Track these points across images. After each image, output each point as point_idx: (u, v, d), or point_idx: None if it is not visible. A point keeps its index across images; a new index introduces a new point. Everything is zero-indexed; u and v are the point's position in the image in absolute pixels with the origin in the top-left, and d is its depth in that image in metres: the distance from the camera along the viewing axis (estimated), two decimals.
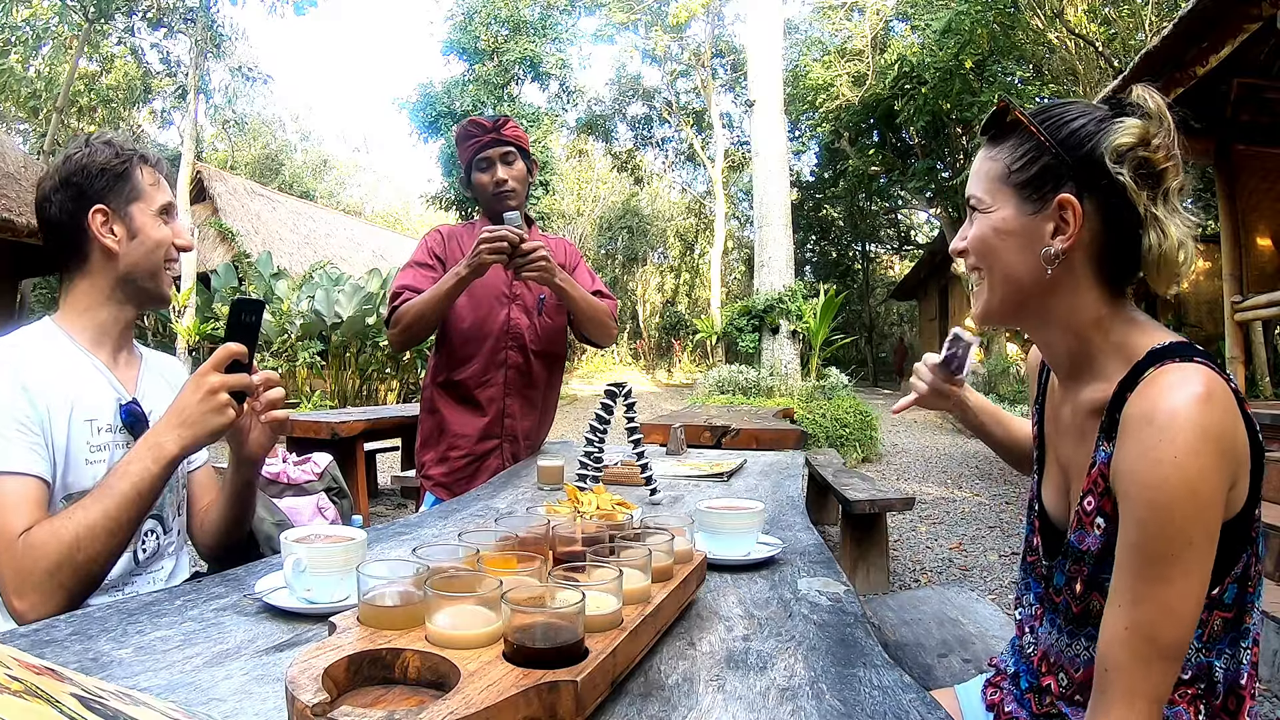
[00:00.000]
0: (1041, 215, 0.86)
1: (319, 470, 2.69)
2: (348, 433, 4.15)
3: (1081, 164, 0.83)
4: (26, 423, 1.08)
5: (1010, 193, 0.87)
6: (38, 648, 0.75)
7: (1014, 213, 0.87)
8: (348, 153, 37.41)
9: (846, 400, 8.57)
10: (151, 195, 1.24)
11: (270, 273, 12.00)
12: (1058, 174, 0.84)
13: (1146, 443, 0.75)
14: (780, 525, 1.36)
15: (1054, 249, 0.85)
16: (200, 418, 1.07)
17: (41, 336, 1.21)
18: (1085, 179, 0.83)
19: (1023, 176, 0.86)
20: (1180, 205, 0.84)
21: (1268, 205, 5.49)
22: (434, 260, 2.14)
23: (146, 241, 1.22)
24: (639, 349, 25.66)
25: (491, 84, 16.79)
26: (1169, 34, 4.32)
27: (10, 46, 15.71)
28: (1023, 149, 0.87)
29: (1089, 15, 10.87)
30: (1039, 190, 0.86)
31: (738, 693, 0.68)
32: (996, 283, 0.91)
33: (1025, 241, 0.87)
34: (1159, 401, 0.76)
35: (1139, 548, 0.76)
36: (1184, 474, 0.73)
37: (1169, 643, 0.75)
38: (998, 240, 0.89)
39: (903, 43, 13.43)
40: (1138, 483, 0.76)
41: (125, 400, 1.23)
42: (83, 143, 1.24)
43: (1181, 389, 0.75)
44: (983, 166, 0.91)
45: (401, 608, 0.67)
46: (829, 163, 19.35)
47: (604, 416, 1.51)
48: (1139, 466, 0.76)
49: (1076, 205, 0.83)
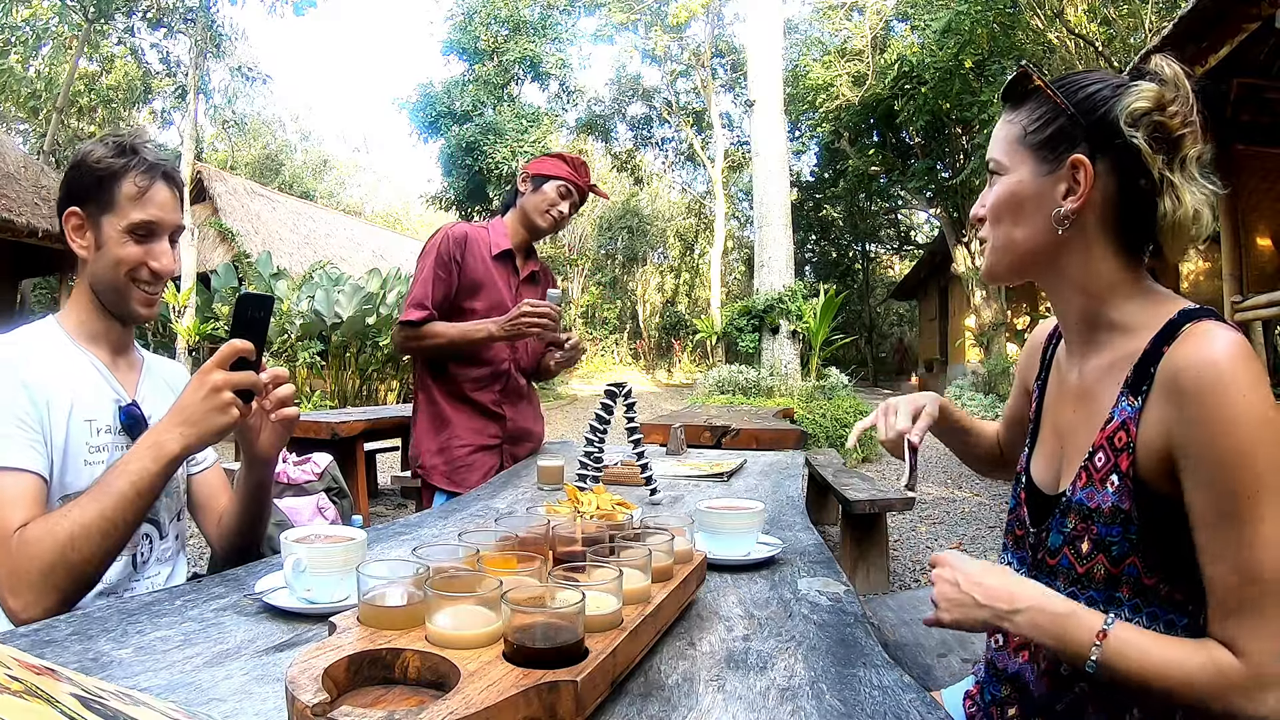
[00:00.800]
0: (1055, 175, 0.87)
1: (319, 470, 2.70)
2: (348, 433, 4.14)
3: (1095, 126, 0.85)
4: (26, 419, 1.07)
5: (1026, 154, 0.89)
6: (38, 648, 0.75)
7: (1030, 173, 0.89)
8: (348, 153, 37.45)
9: (846, 400, 8.57)
10: (125, 210, 1.16)
11: (270, 273, 11.99)
12: (1072, 135, 0.86)
13: (1214, 392, 0.76)
14: (780, 525, 1.36)
15: (1064, 209, 0.86)
16: (203, 416, 1.04)
17: (42, 334, 1.19)
18: (1099, 140, 0.85)
19: (1038, 138, 0.88)
20: (1199, 174, 0.85)
21: (1268, 205, 5.49)
22: (454, 267, 2.15)
23: (106, 256, 1.17)
24: (639, 349, 25.66)
25: (491, 84, 16.80)
26: (1169, 34, 4.32)
27: (10, 47, 15.71)
28: (1039, 111, 0.89)
29: (1089, 15, 10.86)
30: (1054, 151, 0.87)
31: (738, 693, 0.68)
32: (1007, 240, 0.92)
33: (1039, 201, 0.88)
34: (1211, 350, 0.77)
35: (1231, 491, 0.75)
36: (1252, 412, 0.75)
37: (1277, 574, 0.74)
38: (1013, 200, 0.90)
39: (902, 43, 13.42)
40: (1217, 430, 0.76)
41: (125, 402, 1.22)
42: (105, 134, 1.21)
43: (1229, 337, 0.77)
44: (1001, 131, 0.93)
45: (401, 608, 0.67)
46: (829, 163, 19.33)
47: (604, 416, 1.51)
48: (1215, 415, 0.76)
49: (1088, 165, 0.84)
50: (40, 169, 9.52)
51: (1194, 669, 0.77)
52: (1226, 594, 0.77)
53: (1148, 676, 0.78)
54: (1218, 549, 0.77)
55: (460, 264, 2.16)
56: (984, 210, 0.95)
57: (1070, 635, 0.81)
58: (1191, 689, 0.77)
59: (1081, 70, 0.92)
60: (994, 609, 0.85)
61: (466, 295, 2.17)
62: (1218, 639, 0.77)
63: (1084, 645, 0.80)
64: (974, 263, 13.75)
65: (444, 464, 2.16)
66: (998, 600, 0.85)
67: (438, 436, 2.18)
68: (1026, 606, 0.83)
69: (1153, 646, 0.79)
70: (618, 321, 26.13)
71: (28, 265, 9.79)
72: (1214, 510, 0.77)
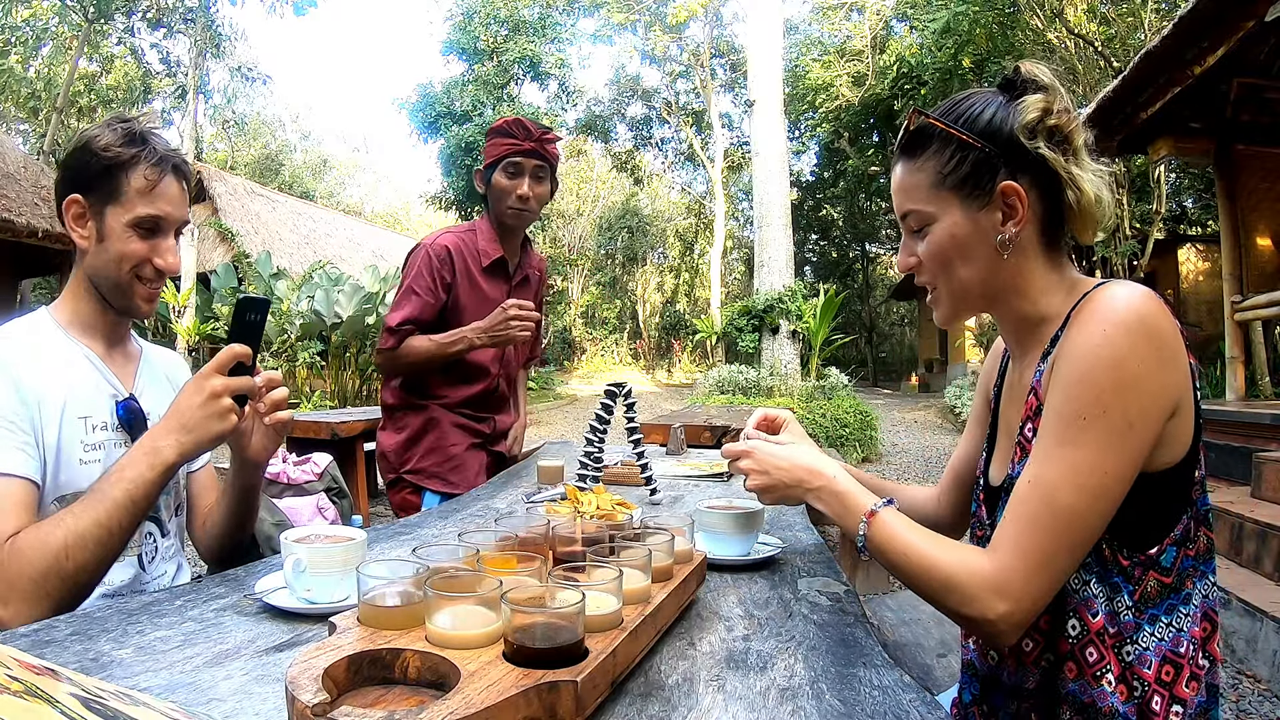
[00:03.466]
0: (989, 207, 0.88)
1: (319, 470, 2.70)
2: (348, 433, 4.15)
3: (1006, 148, 0.87)
4: (15, 420, 1.03)
5: (950, 195, 0.89)
6: (38, 648, 0.75)
7: (962, 213, 0.89)
8: (347, 153, 37.45)
9: (846, 400, 8.58)
10: (133, 203, 1.11)
11: (270, 273, 11.99)
12: (991, 164, 0.87)
13: (1082, 326, 0.80)
14: (780, 525, 1.35)
15: (1007, 235, 0.88)
16: (201, 422, 1.02)
17: (33, 328, 1.14)
18: (1014, 161, 0.87)
19: (958, 176, 0.89)
20: (1090, 158, 0.88)
21: (1268, 205, 5.49)
22: (441, 288, 1.99)
23: (109, 250, 1.12)
24: (639, 349, 25.66)
25: (491, 84, 16.80)
26: (1169, 34, 4.32)
27: (10, 47, 15.71)
28: (948, 151, 0.89)
29: (1088, 15, 10.87)
30: (979, 184, 0.88)
31: (738, 693, 0.68)
32: (958, 284, 0.92)
33: (980, 236, 0.89)
34: (1099, 298, 0.81)
35: (1058, 410, 0.79)
36: (1112, 347, 0.76)
37: (1065, 507, 0.77)
38: (954, 243, 0.90)
39: (902, 43, 13.42)
40: (1067, 356, 0.80)
41: (122, 397, 1.18)
42: (111, 118, 1.14)
43: (1124, 289, 0.80)
44: (909, 180, 0.92)
45: (401, 608, 0.67)
46: (829, 163, 19.35)
47: (604, 416, 1.51)
48: (1073, 344, 0.80)
49: (1019, 188, 0.86)
50: (40, 169, 9.52)
51: (943, 559, 0.82)
52: (1014, 497, 0.81)
53: (905, 560, 0.85)
54: (1034, 457, 0.81)
55: (450, 283, 2.00)
56: (915, 260, 0.94)
57: (849, 510, 0.91)
58: (935, 578, 0.82)
59: (957, 98, 0.92)
60: (801, 486, 0.97)
61: (456, 313, 2.01)
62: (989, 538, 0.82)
63: (855, 521, 0.90)
64: None
65: (434, 465, 2.05)
66: (801, 479, 0.97)
67: (426, 437, 2.06)
68: (821, 485, 0.95)
69: (914, 534, 0.86)
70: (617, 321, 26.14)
71: (28, 265, 9.80)
72: (1047, 427, 0.80)
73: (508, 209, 2.01)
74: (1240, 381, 5.38)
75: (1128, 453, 0.77)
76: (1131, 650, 0.81)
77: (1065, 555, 0.78)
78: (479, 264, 2.04)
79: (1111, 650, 0.82)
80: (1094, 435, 0.76)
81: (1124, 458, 0.77)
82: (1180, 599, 0.82)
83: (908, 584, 0.86)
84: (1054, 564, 0.77)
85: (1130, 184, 10.38)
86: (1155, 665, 0.81)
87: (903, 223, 0.95)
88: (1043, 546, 0.77)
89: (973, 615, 0.79)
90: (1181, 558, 0.83)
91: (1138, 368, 0.76)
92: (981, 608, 0.78)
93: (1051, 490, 0.77)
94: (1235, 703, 2.29)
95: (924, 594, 0.85)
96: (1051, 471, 0.78)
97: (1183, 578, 0.83)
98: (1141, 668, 0.81)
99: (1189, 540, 0.83)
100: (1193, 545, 0.83)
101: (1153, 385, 0.76)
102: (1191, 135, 5.44)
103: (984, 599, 0.78)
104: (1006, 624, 0.78)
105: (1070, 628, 0.84)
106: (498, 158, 1.99)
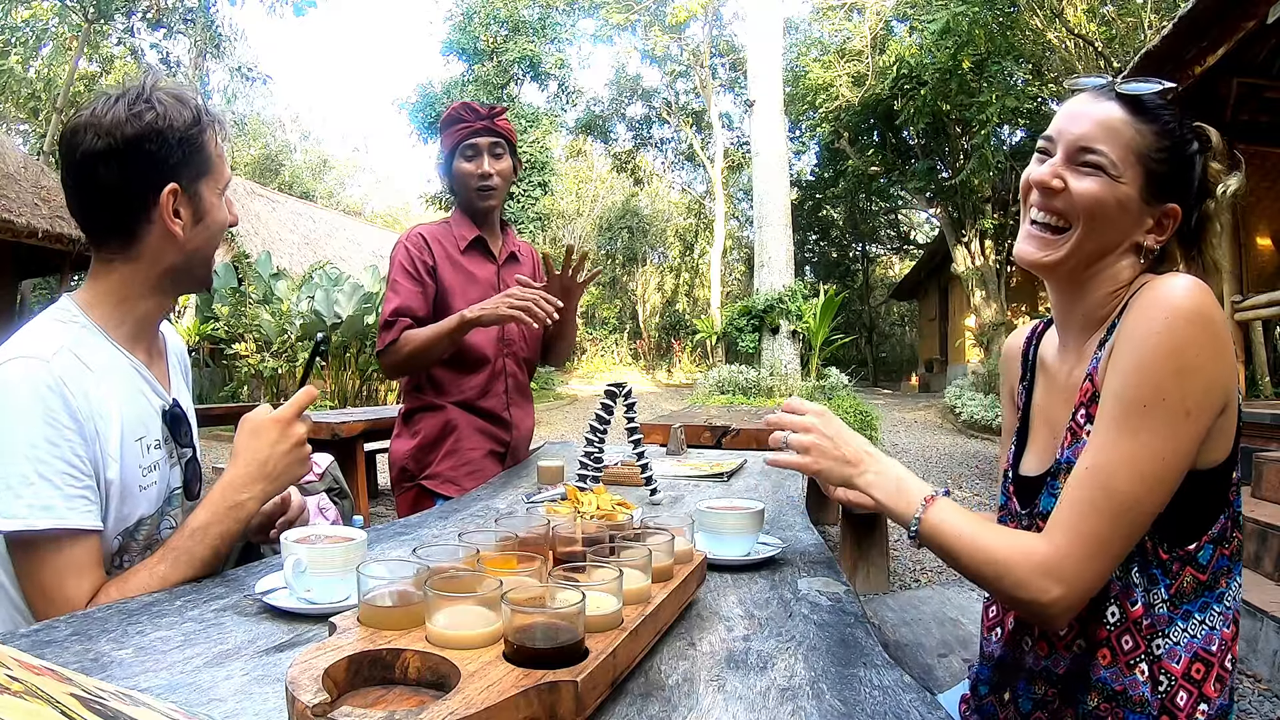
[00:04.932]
0: (1151, 208, 0.88)
1: (320, 471, 2.70)
2: (348, 433, 4.14)
3: (1199, 187, 0.89)
4: (75, 463, 0.92)
5: (1141, 174, 0.87)
6: (38, 648, 0.75)
7: (1137, 194, 0.87)
8: (347, 153, 37.48)
9: (846, 400, 8.57)
10: (220, 170, 1.07)
11: (270, 273, 11.99)
12: (1183, 183, 0.88)
13: (1142, 312, 0.79)
14: (780, 525, 1.35)
15: (1146, 244, 0.88)
16: (286, 470, 0.99)
17: (78, 340, 0.99)
18: (1192, 196, 0.89)
19: (1161, 169, 0.87)
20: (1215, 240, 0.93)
21: (1268, 205, 5.50)
22: (424, 273, 1.97)
23: (212, 226, 1.06)
24: (639, 349, 25.65)
25: (491, 84, 16.81)
26: (1169, 33, 4.32)
27: (10, 47, 15.71)
28: (1165, 144, 0.87)
29: (1088, 15, 10.86)
30: (1163, 188, 0.87)
31: (738, 693, 0.68)
32: (1084, 244, 0.88)
33: (1131, 223, 0.88)
34: (1158, 286, 0.81)
35: (1117, 396, 0.79)
36: (1172, 335, 0.76)
37: (1123, 493, 0.77)
38: (1114, 211, 0.87)
39: (902, 43, 13.42)
40: (1127, 342, 0.80)
41: (167, 404, 1.10)
42: (143, 95, 0.99)
43: (1182, 279, 0.80)
44: (1118, 124, 0.86)
45: (401, 608, 0.67)
46: (829, 163, 19.34)
47: (604, 416, 1.51)
48: (1132, 331, 0.79)
49: (1180, 216, 0.88)
50: (40, 169, 9.51)
51: (1000, 546, 0.82)
52: (1071, 482, 0.81)
53: (959, 544, 0.84)
54: (1092, 443, 0.80)
55: (432, 267, 1.98)
56: (1062, 185, 0.87)
57: (903, 495, 0.90)
58: (992, 564, 0.81)
59: (1173, 108, 0.90)
60: (852, 464, 0.95)
61: (446, 300, 1.98)
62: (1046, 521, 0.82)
63: (912, 505, 0.88)
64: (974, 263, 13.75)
65: (450, 469, 1.99)
66: (856, 457, 0.95)
67: (445, 441, 2.00)
68: (873, 468, 0.94)
69: (969, 520, 0.86)
70: (617, 321, 26.14)
71: (27, 265, 9.79)
72: (1106, 413, 0.80)
73: (475, 191, 2.00)
74: (1240, 381, 5.39)
75: (1185, 440, 0.77)
76: (1161, 644, 0.81)
77: (1120, 541, 0.78)
78: (458, 246, 2.04)
79: (1144, 640, 0.82)
80: (1153, 422, 0.76)
81: (1181, 445, 0.77)
82: (1214, 597, 0.83)
83: (961, 569, 0.86)
84: (1109, 549, 0.77)
85: None
86: (1185, 661, 0.81)
87: (1071, 148, 0.88)
88: (1099, 531, 0.77)
89: (1026, 599, 0.79)
90: (1217, 556, 0.83)
91: (1196, 356, 0.76)
92: (1035, 591, 0.78)
93: (1109, 476, 0.77)
94: (1235, 703, 2.29)
95: (978, 579, 0.85)
96: (1110, 457, 0.78)
97: (1217, 576, 0.83)
98: (1170, 662, 0.81)
99: (1225, 539, 0.83)
100: (1228, 545, 0.84)
101: (1209, 375, 0.77)
102: None
103: (1038, 582, 0.78)
104: (1059, 608, 0.78)
105: (1110, 614, 0.84)
106: (454, 145, 2.00)
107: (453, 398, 2.02)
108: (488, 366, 2.05)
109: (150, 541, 1.07)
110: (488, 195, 2.01)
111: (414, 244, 1.99)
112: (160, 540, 1.06)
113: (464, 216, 2.08)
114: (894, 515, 0.91)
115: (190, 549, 0.95)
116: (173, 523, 1.12)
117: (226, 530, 0.97)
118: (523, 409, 2.15)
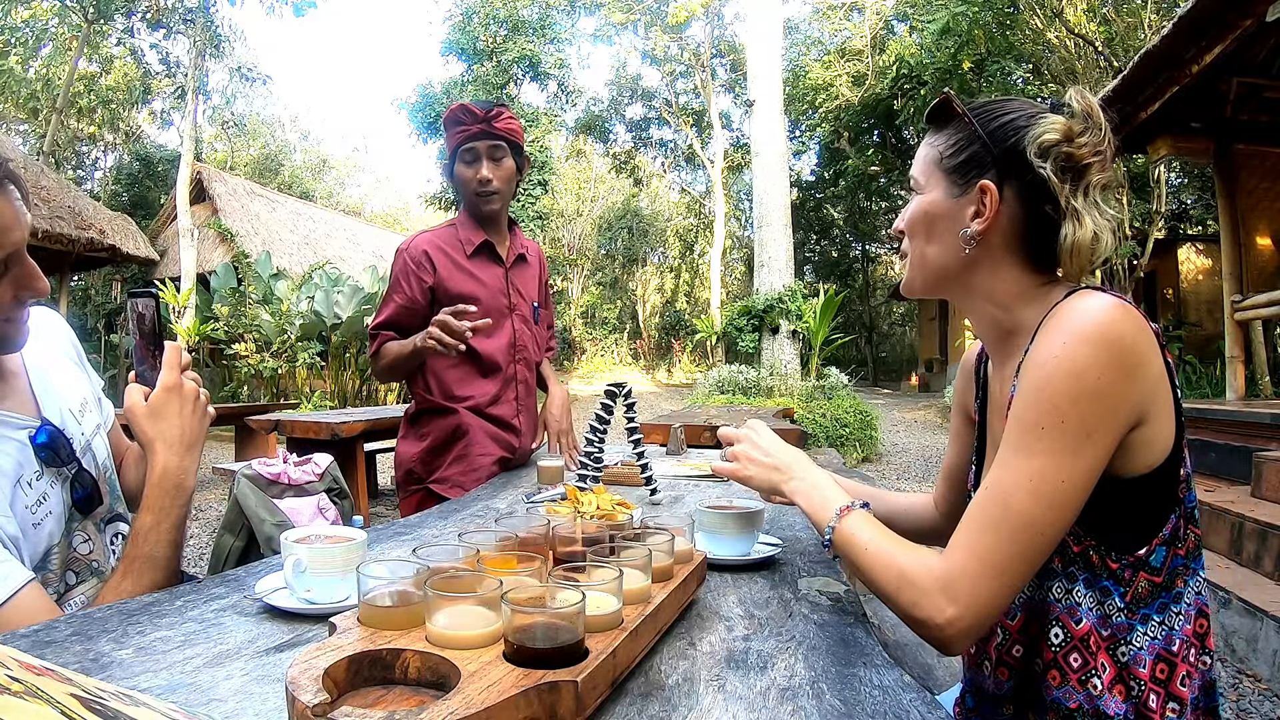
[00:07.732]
0: (964, 199, 0.91)
1: (320, 471, 2.69)
2: (348, 433, 4.14)
3: (1006, 154, 0.89)
4: None
5: (940, 176, 0.94)
6: (38, 648, 0.75)
7: (942, 195, 0.93)
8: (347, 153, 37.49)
9: (846, 400, 8.57)
10: None
11: (270, 273, 12.00)
12: (983, 161, 0.90)
13: (1045, 336, 0.80)
14: (780, 525, 1.35)
15: (970, 230, 0.90)
16: (200, 427, 0.99)
17: None
18: (1007, 168, 0.89)
19: (952, 162, 0.92)
20: (1102, 199, 0.89)
21: (1267, 205, 5.50)
22: (418, 291, 1.96)
23: None
24: (639, 349, 25.65)
25: (490, 84, 16.80)
26: (1169, 33, 4.32)
27: (10, 48, 15.72)
28: (956, 137, 0.93)
29: (1088, 15, 10.87)
30: (964, 175, 0.91)
31: (738, 692, 0.68)
32: (920, 257, 0.97)
33: (949, 222, 0.93)
34: (1065, 309, 0.81)
35: (1018, 418, 0.80)
36: (1071, 358, 0.77)
37: (1019, 513, 0.77)
38: (926, 219, 0.95)
39: (902, 43, 13.43)
40: (1029, 366, 0.81)
41: (33, 429, 1.02)
42: None
43: (1091, 300, 0.80)
44: (922, 151, 0.98)
45: (401, 608, 0.67)
46: (829, 163, 19.35)
47: (604, 416, 1.51)
48: (1035, 354, 0.80)
49: (994, 191, 0.89)
50: (40, 169, 9.51)
51: (902, 560, 0.83)
52: (972, 502, 0.82)
53: (866, 556, 0.86)
54: (995, 463, 0.81)
55: (435, 276, 1.96)
56: (902, 224, 0.99)
57: (825, 504, 0.94)
58: (894, 578, 0.82)
59: (1003, 98, 0.95)
60: (780, 471, 1.02)
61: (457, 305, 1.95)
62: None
63: (828, 516, 0.92)
64: None
65: (459, 473, 1.96)
66: (785, 468, 1.02)
67: (455, 445, 1.98)
68: (800, 477, 1.00)
69: (881, 536, 0.87)
70: (617, 321, 26.13)
71: None
72: (1008, 434, 0.81)
73: (474, 195, 1.98)
74: (1240, 381, 5.38)
75: (1085, 462, 0.77)
76: (1126, 651, 0.82)
77: (1019, 562, 0.77)
78: (464, 252, 2.01)
79: (1106, 652, 0.82)
80: (1051, 444, 0.76)
81: (1081, 467, 0.77)
82: (1171, 597, 0.83)
83: (867, 581, 0.87)
84: (1006, 570, 0.77)
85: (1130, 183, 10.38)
86: (1150, 664, 0.81)
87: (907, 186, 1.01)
88: (995, 550, 0.77)
89: (922, 617, 0.79)
90: (1171, 557, 0.83)
91: (1097, 379, 0.76)
92: (929, 608, 0.78)
93: (1007, 496, 0.78)
94: (1235, 702, 2.29)
95: (881, 593, 0.85)
96: (1008, 478, 0.78)
97: (1173, 576, 0.83)
98: (1137, 667, 0.81)
99: (1178, 539, 0.83)
100: (1182, 544, 0.84)
101: (1113, 396, 0.76)
102: (1191, 134, 5.44)
103: (933, 598, 0.78)
104: (954, 629, 0.77)
105: (1053, 636, 0.85)
106: (454, 149, 1.98)
107: (463, 402, 2.00)
108: (500, 373, 2.04)
109: (68, 562, 1.05)
110: (488, 200, 1.99)
111: (414, 259, 1.98)
112: (77, 557, 1.05)
113: (470, 219, 2.06)
114: (814, 522, 0.95)
115: (149, 554, 0.96)
116: (85, 535, 1.08)
117: (177, 519, 0.98)
118: (531, 415, 2.15)
